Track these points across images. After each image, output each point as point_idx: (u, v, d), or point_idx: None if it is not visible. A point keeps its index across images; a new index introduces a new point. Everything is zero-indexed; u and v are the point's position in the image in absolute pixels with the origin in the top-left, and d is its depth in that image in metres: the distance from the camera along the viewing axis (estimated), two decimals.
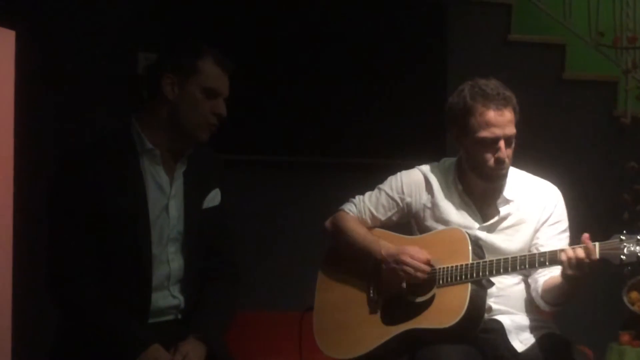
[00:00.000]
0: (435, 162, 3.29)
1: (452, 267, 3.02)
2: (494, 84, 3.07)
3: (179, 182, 2.87)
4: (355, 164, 4.77)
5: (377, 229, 3.28)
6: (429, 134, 4.75)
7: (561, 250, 2.90)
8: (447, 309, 2.97)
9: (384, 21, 4.91)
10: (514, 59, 5.16)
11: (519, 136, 3.10)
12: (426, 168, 3.26)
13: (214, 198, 2.94)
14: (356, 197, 3.31)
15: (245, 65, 4.54)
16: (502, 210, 3.15)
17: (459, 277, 3.00)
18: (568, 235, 3.16)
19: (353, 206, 3.29)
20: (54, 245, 2.78)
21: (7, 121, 3.91)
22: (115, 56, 4.52)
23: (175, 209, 2.85)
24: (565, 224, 3.18)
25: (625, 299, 4.44)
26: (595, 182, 5.05)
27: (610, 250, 2.83)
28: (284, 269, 4.62)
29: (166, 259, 2.84)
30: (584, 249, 2.84)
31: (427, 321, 3.00)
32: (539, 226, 3.15)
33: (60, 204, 2.78)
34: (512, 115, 3.05)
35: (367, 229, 3.25)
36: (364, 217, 3.27)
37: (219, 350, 2.84)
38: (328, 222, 3.32)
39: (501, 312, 3.11)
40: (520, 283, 3.18)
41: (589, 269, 2.84)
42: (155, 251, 2.81)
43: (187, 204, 2.87)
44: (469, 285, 2.98)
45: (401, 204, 3.25)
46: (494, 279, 3.04)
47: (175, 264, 2.86)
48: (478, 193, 3.17)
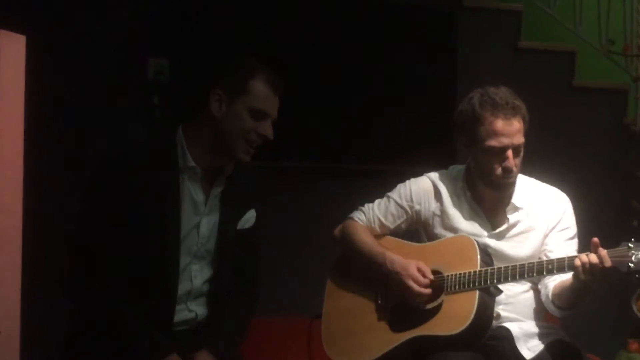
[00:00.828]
0: (444, 170, 3.29)
1: (460, 274, 3.02)
2: (503, 92, 3.06)
3: (214, 201, 2.84)
4: (366, 171, 4.76)
5: (386, 236, 3.28)
6: (438, 141, 4.74)
7: (574, 257, 2.89)
8: (455, 315, 2.97)
9: (394, 29, 4.90)
10: (523, 66, 5.16)
11: (529, 143, 3.09)
12: (435, 176, 3.26)
13: (249, 220, 2.94)
14: (365, 206, 3.31)
15: None
16: (511, 218, 3.15)
17: (467, 284, 3.00)
18: (577, 242, 3.16)
19: (362, 214, 3.29)
20: (81, 246, 2.75)
21: (18, 125, 3.93)
22: (125, 61, 4.52)
23: (207, 227, 2.83)
24: (573, 230, 3.18)
25: (634, 307, 4.43)
26: (604, 190, 5.04)
27: (618, 257, 2.83)
28: (294, 275, 4.62)
29: (189, 276, 2.82)
30: (597, 255, 2.83)
31: (435, 328, 3.00)
32: (547, 232, 3.15)
33: (94, 205, 2.74)
34: (521, 124, 3.05)
35: (374, 238, 3.24)
36: (373, 226, 3.27)
37: None
38: (337, 230, 3.32)
39: (510, 320, 3.10)
40: (529, 291, 3.17)
41: (601, 273, 2.84)
42: (180, 267, 2.78)
43: (222, 223, 2.85)
44: (477, 292, 2.97)
45: (410, 212, 3.25)
46: (502, 287, 3.04)
47: (198, 281, 2.84)
48: (487, 201, 3.17)
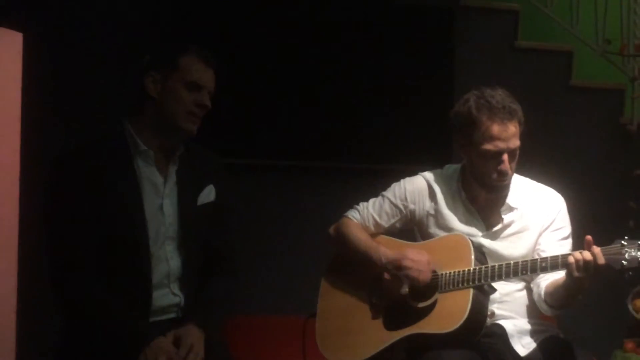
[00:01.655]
0: (439, 169, 3.29)
1: (454, 272, 3.03)
2: (500, 95, 3.05)
3: (172, 181, 2.90)
4: (361, 170, 4.77)
5: (380, 235, 3.28)
6: (435, 140, 4.74)
7: (568, 255, 2.89)
8: (449, 314, 2.97)
9: (390, 28, 4.91)
10: (520, 66, 5.16)
11: (526, 142, 3.10)
12: (429, 175, 3.26)
13: (208, 194, 2.97)
14: (360, 204, 3.31)
15: (249, 70, 4.61)
16: (506, 218, 3.15)
17: (461, 282, 3.01)
18: (570, 242, 3.16)
19: (357, 213, 3.29)
20: (53, 246, 2.81)
21: (14, 123, 3.93)
22: (122, 59, 4.52)
23: (170, 207, 2.89)
24: (567, 230, 3.18)
25: (630, 306, 4.43)
26: (600, 190, 5.04)
27: (611, 255, 2.84)
28: (288, 273, 4.63)
29: (165, 257, 2.87)
30: (590, 252, 2.84)
31: (429, 326, 3.00)
32: (541, 232, 3.15)
33: (57, 205, 2.81)
34: (517, 128, 3.05)
35: (369, 235, 3.25)
36: (367, 225, 3.27)
37: (215, 338, 2.86)
38: (332, 229, 3.32)
39: (504, 317, 3.11)
40: (524, 289, 3.17)
41: (594, 271, 2.84)
42: (153, 249, 2.84)
43: (181, 201, 2.91)
44: (471, 290, 2.98)
45: (404, 211, 3.25)
46: (497, 285, 3.04)
47: (175, 262, 2.89)
48: (482, 201, 3.17)
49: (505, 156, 3.03)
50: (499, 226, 3.15)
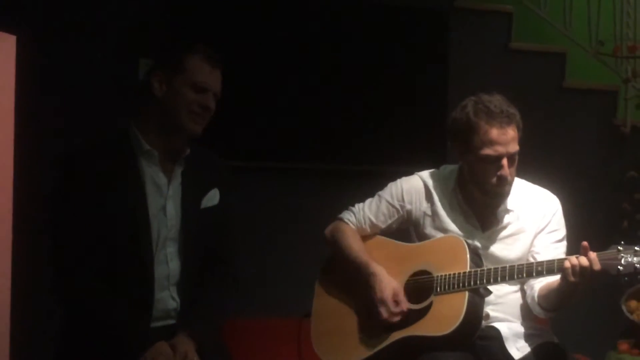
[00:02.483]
0: (435, 170, 3.28)
1: (449, 275, 3.02)
2: (497, 100, 3.05)
3: (176, 182, 2.90)
4: (358, 172, 4.76)
5: (376, 236, 3.28)
6: (429, 141, 4.75)
7: (564, 259, 2.89)
8: (444, 316, 2.97)
9: (385, 30, 4.91)
10: (514, 67, 5.16)
11: (519, 143, 3.09)
12: (426, 175, 3.26)
13: (212, 198, 2.96)
14: (356, 206, 3.31)
15: (249, 72, 4.61)
16: (502, 220, 3.15)
17: (456, 285, 3.00)
18: (565, 244, 3.16)
19: (352, 215, 3.28)
20: (56, 247, 2.80)
21: (8, 126, 3.92)
22: (115, 61, 4.51)
23: (173, 209, 2.88)
24: (562, 233, 3.18)
25: (624, 307, 4.44)
26: (594, 191, 5.05)
27: (607, 260, 2.83)
28: (284, 275, 4.62)
29: (165, 259, 2.86)
30: (587, 258, 2.83)
31: (424, 328, 3.00)
32: (537, 234, 3.15)
33: (62, 206, 2.81)
34: (516, 132, 3.04)
35: (362, 243, 3.23)
36: (363, 226, 3.27)
37: (212, 344, 2.87)
38: (327, 231, 3.32)
39: (499, 320, 3.11)
40: (518, 291, 3.18)
41: (590, 276, 2.84)
42: (154, 251, 2.83)
43: (184, 203, 2.90)
44: (466, 293, 2.97)
45: (401, 212, 3.24)
46: (491, 287, 3.04)
47: (174, 264, 2.88)
48: (478, 203, 3.16)
49: (504, 161, 3.02)
50: (495, 228, 3.15)
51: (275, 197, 4.76)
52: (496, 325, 3.09)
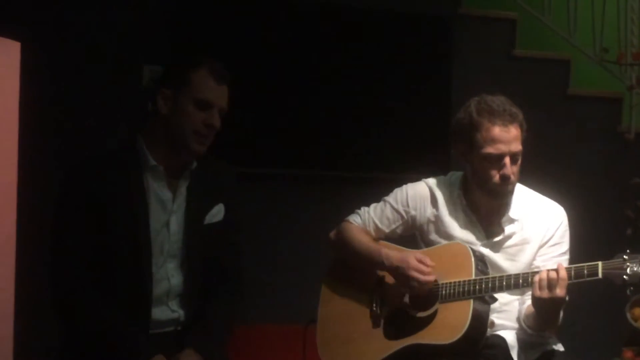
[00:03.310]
0: (442, 176, 3.27)
1: (455, 282, 3.01)
2: (500, 100, 3.05)
3: (181, 197, 2.87)
4: (361, 178, 4.76)
5: (381, 241, 3.27)
6: (433, 148, 4.76)
7: (571, 267, 2.88)
8: (450, 324, 2.96)
9: (389, 37, 4.92)
10: (518, 74, 5.17)
11: (523, 151, 3.08)
12: (432, 181, 3.25)
13: (217, 214, 2.93)
14: (361, 209, 3.30)
15: (252, 79, 4.61)
16: (507, 230, 3.13)
17: (461, 292, 2.99)
18: (567, 259, 3.12)
19: (358, 217, 3.28)
20: (57, 259, 2.78)
21: (12, 131, 3.93)
22: (120, 68, 4.52)
23: (176, 224, 2.86)
24: (565, 246, 3.15)
25: (629, 315, 4.42)
26: (598, 198, 5.04)
27: (613, 270, 2.82)
28: (288, 281, 4.62)
29: (166, 275, 2.84)
30: (556, 271, 2.85)
31: (430, 337, 2.99)
32: (541, 245, 3.13)
33: (65, 216, 2.79)
34: (518, 131, 3.03)
35: (371, 238, 3.23)
36: (368, 229, 3.26)
37: (217, 358, 2.83)
38: (333, 233, 3.31)
39: (504, 328, 3.10)
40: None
41: (560, 290, 2.84)
42: (155, 267, 2.81)
43: (188, 219, 2.87)
44: (472, 301, 2.97)
45: (406, 217, 3.24)
46: (497, 295, 3.03)
47: (176, 280, 2.86)
48: (483, 210, 3.15)
49: (507, 159, 3.01)
50: (500, 237, 3.13)
51: (279, 203, 4.76)
52: (501, 333, 3.07)
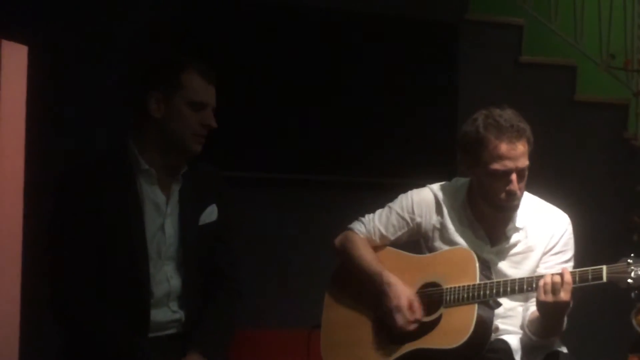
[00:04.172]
0: (447, 182, 3.26)
1: (459, 287, 3.01)
2: (508, 114, 3.02)
3: (174, 200, 2.88)
4: (365, 183, 4.76)
5: (386, 247, 3.27)
6: (439, 153, 4.75)
7: (576, 271, 2.87)
8: (454, 329, 2.95)
9: (395, 43, 4.92)
10: (525, 81, 5.17)
11: (529, 157, 3.08)
12: (437, 188, 3.24)
13: (210, 214, 2.94)
14: (366, 216, 3.29)
15: (253, 82, 4.62)
16: (512, 238, 3.12)
17: (466, 297, 2.98)
18: (572, 266, 3.10)
19: (362, 226, 3.27)
20: (55, 264, 2.79)
21: (19, 135, 3.94)
22: (126, 71, 4.53)
23: (171, 227, 2.86)
24: (569, 254, 3.14)
25: (634, 321, 4.42)
26: (604, 204, 5.04)
27: (617, 274, 2.81)
28: (292, 286, 4.62)
29: (165, 278, 2.85)
30: (560, 275, 2.84)
31: (434, 341, 2.99)
32: (545, 253, 3.12)
33: (61, 224, 2.79)
34: (526, 147, 3.01)
35: (374, 253, 3.22)
36: (373, 237, 3.26)
37: None
38: (337, 241, 3.30)
39: (508, 332, 3.09)
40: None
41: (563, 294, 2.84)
42: (153, 270, 2.81)
43: (182, 221, 2.88)
44: (476, 305, 2.96)
45: (411, 224, 3.23)
46: (501, 300, 3.03)
47: (175, 282, 2.87)
48: (487, 219, 3.14)
49: (513, 176, 2.99)
50: (505, 245, 3.12)
51: (284, 209, 4.76)
52: (505, 338, 3.07)
